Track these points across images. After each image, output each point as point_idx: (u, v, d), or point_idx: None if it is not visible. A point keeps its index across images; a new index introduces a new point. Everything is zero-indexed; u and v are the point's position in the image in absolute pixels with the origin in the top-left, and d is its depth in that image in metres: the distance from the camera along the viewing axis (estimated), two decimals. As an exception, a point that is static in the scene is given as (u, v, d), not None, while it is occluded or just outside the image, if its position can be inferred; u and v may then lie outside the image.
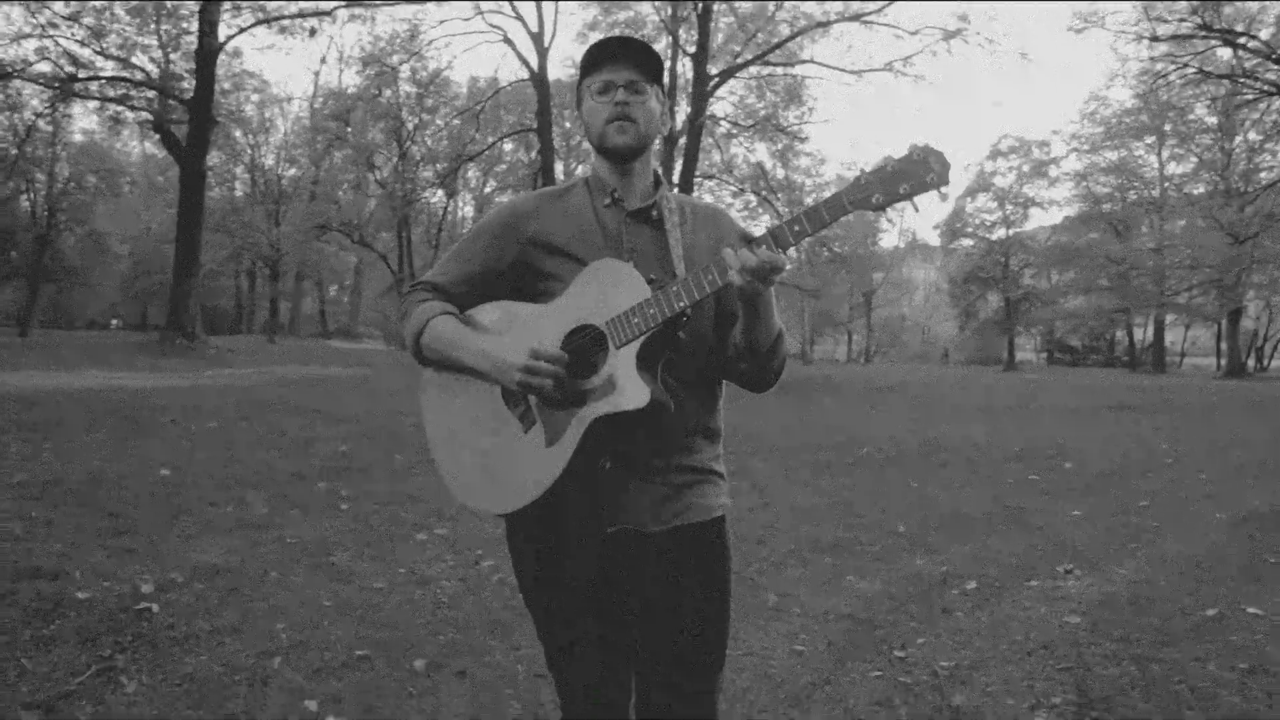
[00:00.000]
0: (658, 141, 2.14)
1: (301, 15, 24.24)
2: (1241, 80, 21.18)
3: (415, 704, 3.33)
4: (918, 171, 1.66)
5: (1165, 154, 50.66)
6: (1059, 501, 8.27)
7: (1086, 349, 69.21)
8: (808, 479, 9.03)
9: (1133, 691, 3.72)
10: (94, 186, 49.57)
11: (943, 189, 1.67)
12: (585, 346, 1.85)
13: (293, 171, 55.37)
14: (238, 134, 49.15)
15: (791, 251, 1.83)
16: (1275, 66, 20.06)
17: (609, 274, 1.87)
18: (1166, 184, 50.52)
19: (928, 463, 10.58)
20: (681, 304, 1.77)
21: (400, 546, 5.55)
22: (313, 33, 26.42)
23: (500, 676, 3.61)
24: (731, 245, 1.78)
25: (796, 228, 1.73)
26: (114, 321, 70.41)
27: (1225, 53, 22.82)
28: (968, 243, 61.89)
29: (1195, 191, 46.01)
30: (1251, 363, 55.25)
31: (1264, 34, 24.37)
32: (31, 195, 47.60)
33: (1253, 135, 37.73)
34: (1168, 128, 46.13)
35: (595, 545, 1.94)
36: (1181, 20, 19.96)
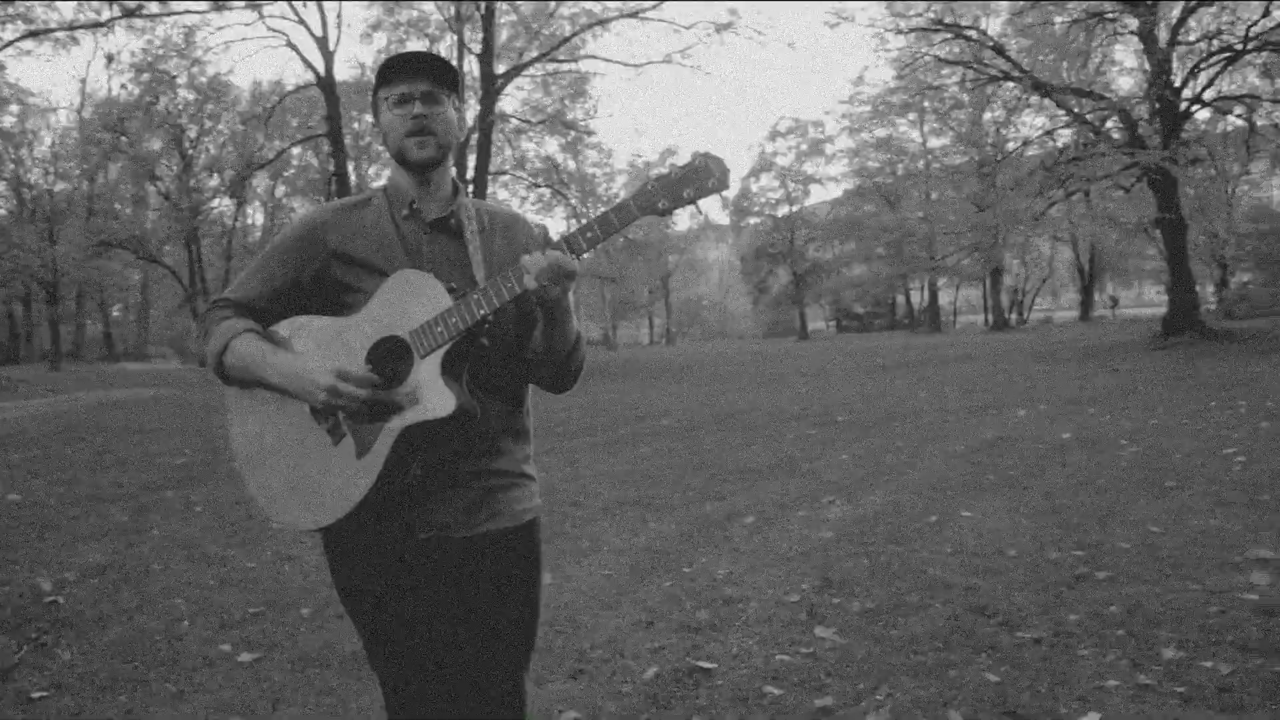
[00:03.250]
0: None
1: (73, 27, 23.46)
2: (973, 67, 23.74)
3: (312, 638, 4.15)
4: (699, 178, 1.76)
5: (926, 129, 54.59)
6: (830, 449, 9.62)
7: (871, 315, 73.29)
8: (613, 451, 10.08)
9: (864, 575, 4.90)
10: None
11: (723, 192, 1.78)
12: (390, 357, 1.89)
13: (63, 186, 52.24)
14: (-5, 148, 46.07)
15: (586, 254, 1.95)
16: (997, 56, 22.72)
17: (410, 285, 1.90)
18: (930, 157, 54.20)
19: (719, 428, 11.85)
20: (482, 311, 1.83)
21: (260, 536, 6.24)
22: (110, 60, 25.68)
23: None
24: (529, 251, 1.86)
25: (589, 234, 1.80)
26: None
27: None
28: (755, 220, 64.49)
29: (956, 163, 49.41)
30: (1014, 317, 60.32)
31: (995, 27, 27.32)
32: None
33: (999, 112, 41.10)
34: (926, 104, 49.83)
35: (408, 552, 1.98)
36: (918, 15, 22.40)
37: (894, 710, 3.20)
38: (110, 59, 27.44)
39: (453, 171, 2.15)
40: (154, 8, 22.68)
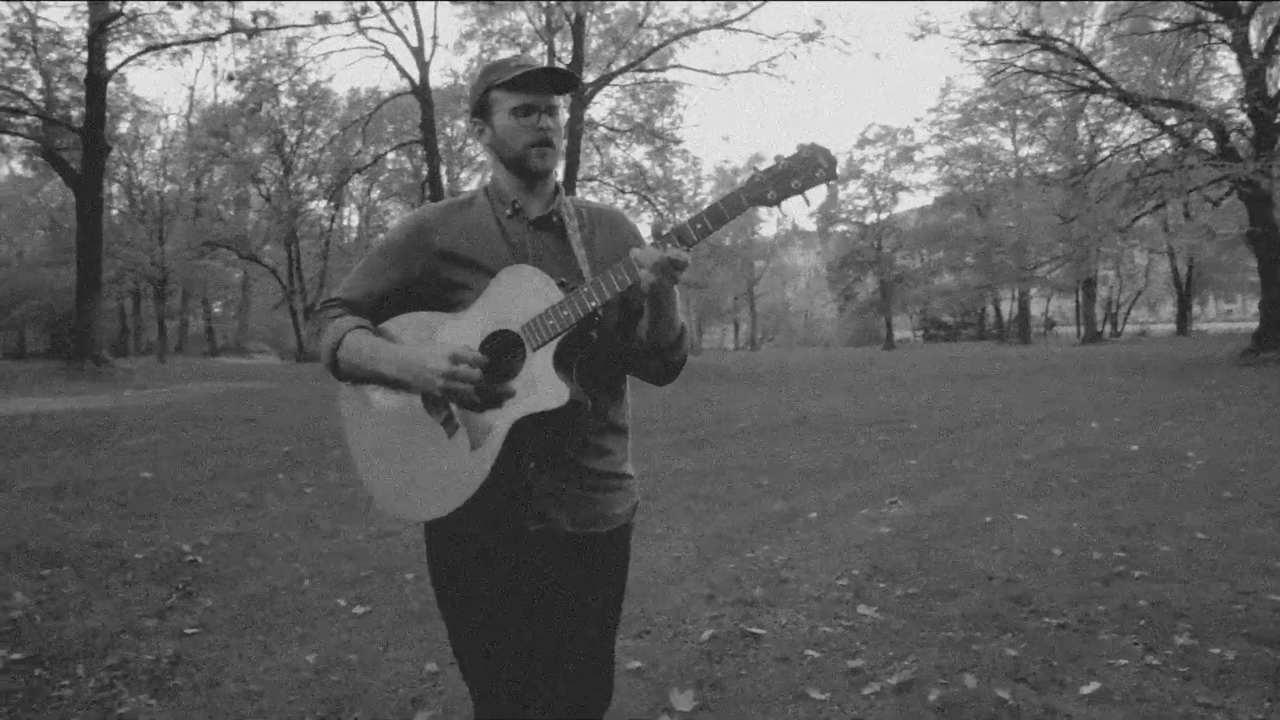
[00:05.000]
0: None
1: (187, 42, 24.89)
2: (1062, 78, 23.67)
3: (416, 597, 4.75)
4: (807, 168, 1.77)
5: (1018, 137, 53.87)
6: (900, 454, 9.94)
7: (959, 324, 72.37)
8: (690, 450, 10.55)
9: (911, 565, 5.31)
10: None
11: (831, 182, 1.78)
12: (502, 350, 1.93)
13: (171, 188, 54.50)
14: (112, 151, 48.27)
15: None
16: (1083, 68, 22.64)
17: (521, 279, 1.93)
18: (1021, 165, 53.50)
19: (795, 431, 12.24)
20: (593, 304, 1.85)
21: (367, 513, 6.90)
22: (231, 79, 27.30)
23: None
24: (639, 244, 1.89)
25: (699, 225, 1.80)
26: (-11, 351, 67.98)
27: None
28: (843, 228, 64.32)
29: (1049, 170, 48.52)
30: (1108, 329, 59.10)
31: (1088, 36, 27.20)
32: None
33: (1094, 120, 40.36)
34: (1018, 112, 49.08)
35: (515, 544, 2.04)
36: (1002, 28, 22.46)
37: (916, 672, 3.64)
38: (231, 77, 29.10)
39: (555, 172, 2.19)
40: (263, 22, 23.93)
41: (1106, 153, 28.32)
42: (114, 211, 53.15)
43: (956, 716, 3.28)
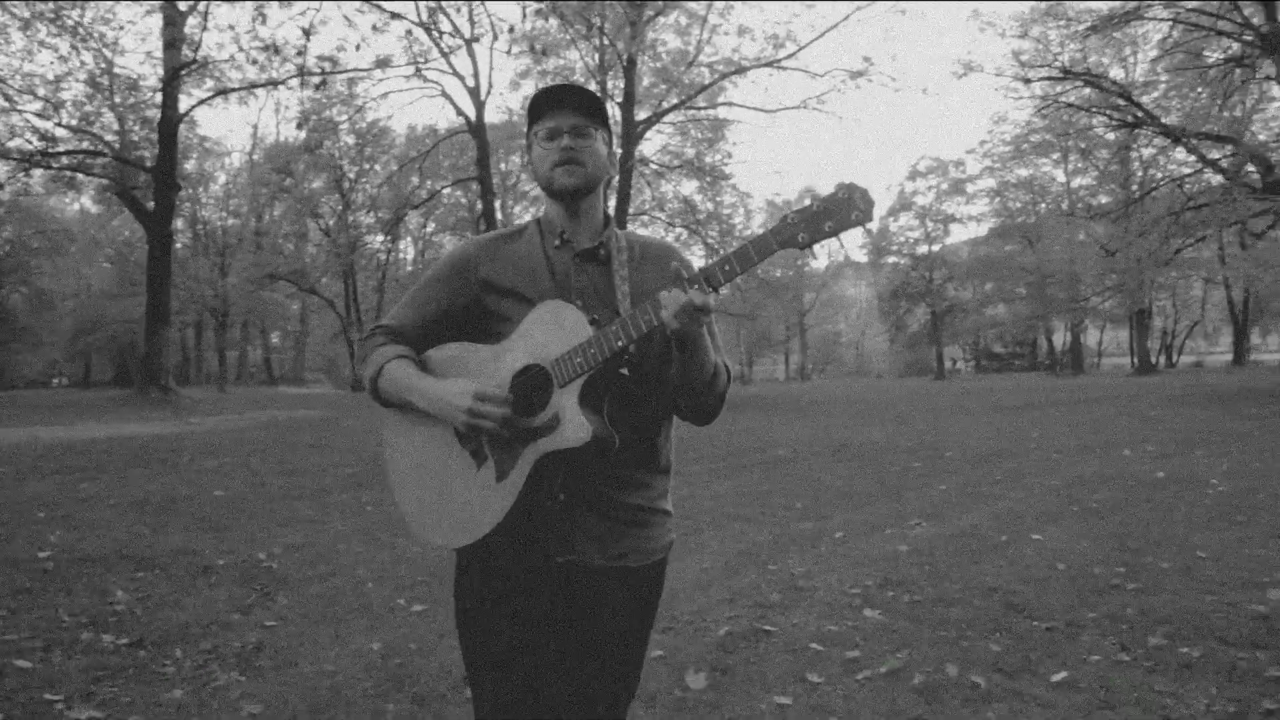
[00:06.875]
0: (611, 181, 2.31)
1: (254, 86, 26.12)
2: (1105, 113, 23.94)
3: (463, 600, 5.28)
4: (842, 209, 1.68)
5: (1070, 168, 53.83)
6: (931, 480, 10.32)
7: (1011, 355, 72.05)
8: (729, 475, 11.01)
9: (921, 577, 5.75)
10: (37, 246, 50.25)
11: (867, 224, 1.69)
12: (532, 385, 1.93)
13: (233, 223, 56.23)
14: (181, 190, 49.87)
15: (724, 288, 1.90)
16: (1125, 103, 22.87)
17: (553, 315, 1.94)
18: (1073, 197, 53.40)
19: (831, 459, 12.66)
20: (620, 343, 1.82)
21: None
22: (299, 125, 28.44)
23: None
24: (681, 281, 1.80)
25: (727, 267, 1.76)
26: (55, 379, 70.26)
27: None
28: (894, 259, 64.48)
29: (1101, 202, 48.38)
30: (1162, 360, 58.50)
31: (1139, 71, 27.44)
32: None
33: (1148, 150, 40.26)
34: (1069, 143, 48.99)
35: (541, 576, 2.03)
36: (1045, 67, 22.84)
37: (905, 662, 4.11)
38: (299, 126, 30.35)
39: (604, 203, 2.19)
40: (326, 67, 24.99)
41: (1156, 185, 28.44)
42: (178, 245, 54.90)
43: (933, 697, 3.74)
